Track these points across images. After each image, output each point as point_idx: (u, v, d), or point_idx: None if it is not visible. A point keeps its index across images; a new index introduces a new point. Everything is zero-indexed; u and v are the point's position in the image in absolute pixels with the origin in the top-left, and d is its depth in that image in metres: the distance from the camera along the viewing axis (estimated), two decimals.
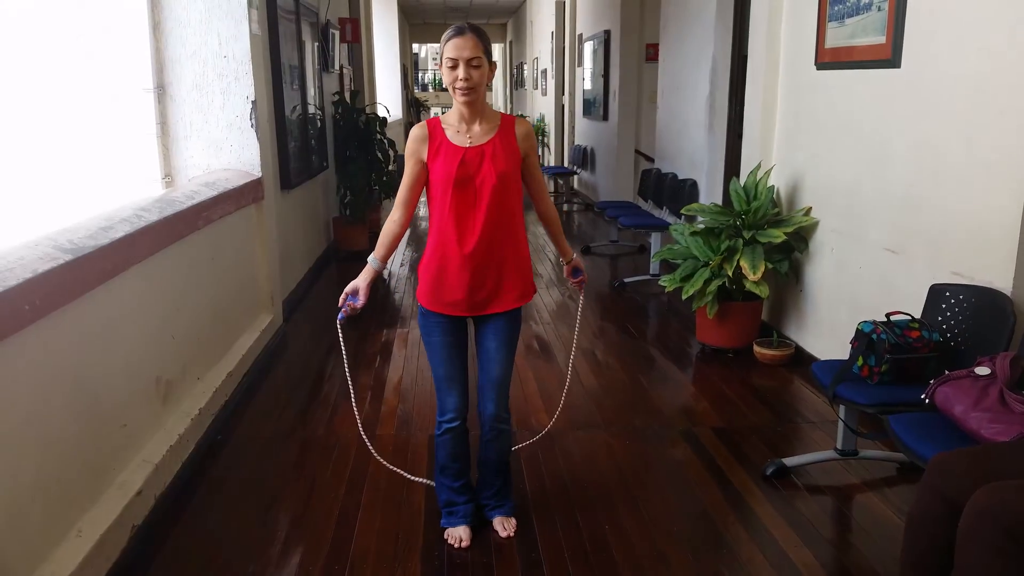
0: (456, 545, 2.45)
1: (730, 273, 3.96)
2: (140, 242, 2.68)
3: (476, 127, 2.31)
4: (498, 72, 23.46)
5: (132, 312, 2.67)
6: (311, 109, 5.89)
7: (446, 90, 2.35)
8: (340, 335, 2.47)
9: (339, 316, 2.40)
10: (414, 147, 2.32)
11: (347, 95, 7.19)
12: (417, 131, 2.34)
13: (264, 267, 4.32)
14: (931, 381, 2.36)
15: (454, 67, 2.21)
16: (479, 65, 2.21)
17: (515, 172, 2.33)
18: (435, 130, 2.32)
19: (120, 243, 2.52)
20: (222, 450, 3.13)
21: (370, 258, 2.40)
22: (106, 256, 2.41)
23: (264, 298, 4.34)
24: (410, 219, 2.41)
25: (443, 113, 2.42)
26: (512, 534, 2.50)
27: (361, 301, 2.38)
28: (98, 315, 2.41)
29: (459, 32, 2.21)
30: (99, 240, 2.42)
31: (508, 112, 19.25)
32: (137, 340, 2.70)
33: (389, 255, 2.44)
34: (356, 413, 2.70)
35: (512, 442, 2.54)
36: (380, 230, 2.45)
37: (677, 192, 5.99)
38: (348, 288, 2.38)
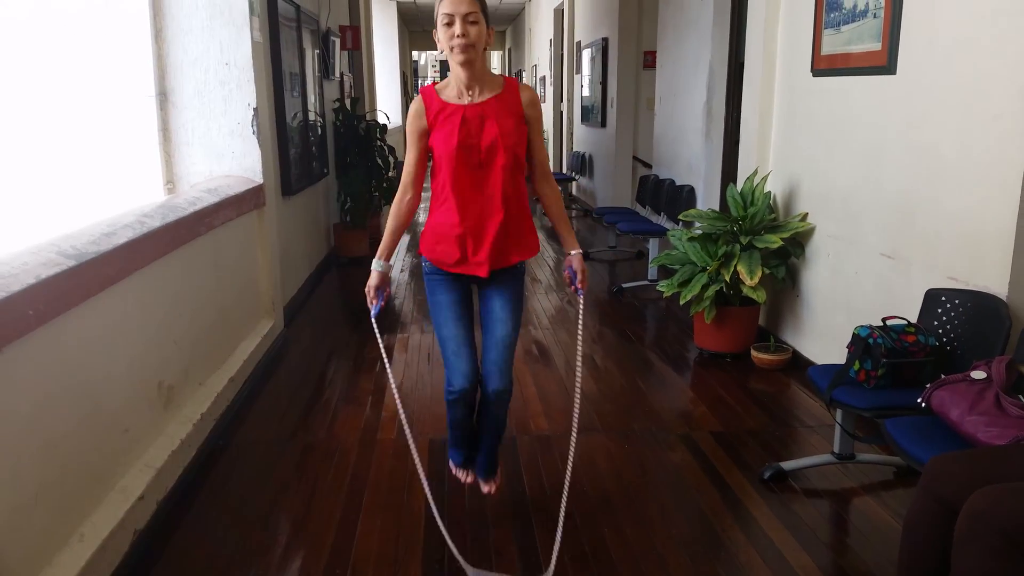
0: (462, 480, 2.67)
1: (727, 278, 3.98)
2: (143, 248, 2.70)
3: (477, 94, 2.23)
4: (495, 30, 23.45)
5: (134, 317, 2.69)
6: (312, 116, 5.92)
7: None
8: (375, 328, 2.48)
9: (373, 312, 2.42)
10: (415, 122, 2.27)
11: (347, 102, 7.22)
12: (414, 105, 2.29)
13: (265, 273, 4.34)
14: (927, 385, 2.38)
15: (450, 23, 2.14)
16: (476, 21, 2.15)
17: (518, 132, 2.26)
18: (431, 97, 2.26)
19: (123, 249, 2.54)
20: (223, 455, 3.15)
21: (373, 263, 2.39)
22: (109, 262, 2.43)
23: (265, 303, 4.36)
24: (419, 198, 2.38)
25: (437, 82, 2.35)
26: (494, 490, 2.63)
27: (387, 292, 2.42)
28: (101, 320, 2.43)
29: None
30: (102, 246, 2.44)
31: None
32: (139, 345, 2.71)
33: (395, 246, 2.39)
34: (394, 390, 2.60)
35: (508, 405, 2.51)
36: (380, 237, 2.43)
37: (675, 198, 6.02)
38: (370, 287, 2.39)
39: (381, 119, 8.09)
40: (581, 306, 2.54)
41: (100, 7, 3.84)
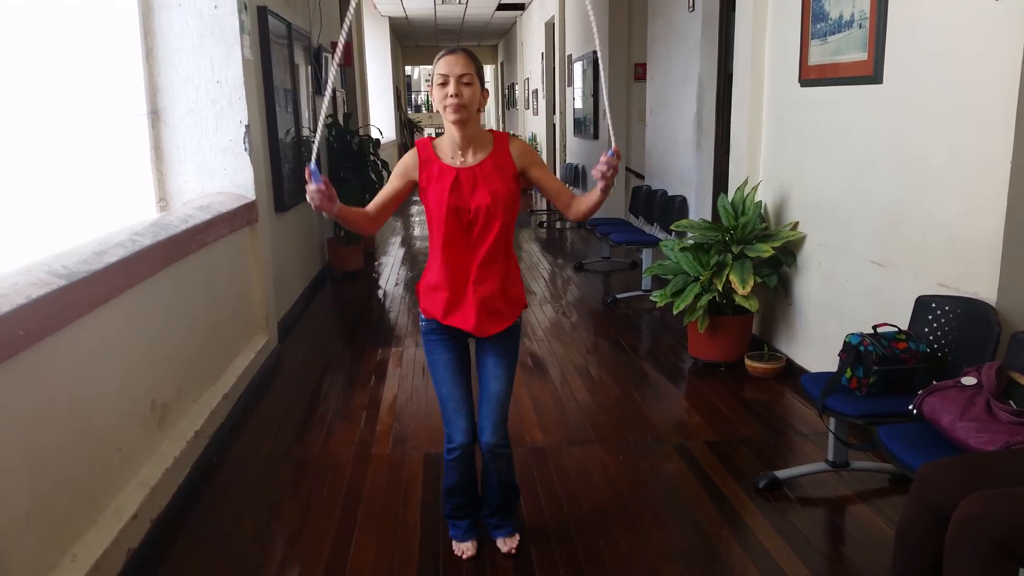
0: (462, 556, 2.48)
1: (720, 288, 4.00)
2: (134, 266, 2.71)
3: (470, 155, 2.28)
4: (490, 92, 23.63)
5: (127, 336, 2.68)
6: (304, 132, 5.94)
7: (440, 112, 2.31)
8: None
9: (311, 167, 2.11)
10: (406, 168, 2.31)
11: (340, 117, 7.25)
12: (411, 153, 2.33)
13: (259, 289, 4.34)
14: (919, 392, 2.39)
15: (444, 84, 2.18)
16: (470, 83, 2.19)
17: (511, 193, 2.29)
18: (427, 152, 2.30)
19: (114, 267, 2.54)
20: (218, 472, 3.14)
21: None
22: (100, 281, 2.43)
23: (259, 319, 4.35)
24: (376, 226, 2.38)
25: (436, 136, 2.42)
26: (514, 550, 2.51)
27: (322, 188, 2.11)
28: (92, 339, 2.42)
29: (451, 51, 2.21)
30: (93, 265, 2.44)
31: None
32: (132, 364, 2.71)
33: (344, 213, 2.23)
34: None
35: (513, 464, 2.51)
36: (375, 251, 2.45)
37: (667, 208, 6.04)
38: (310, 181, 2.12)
39: (374, 134, 8.11)
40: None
41: (91, 27, 3.86)
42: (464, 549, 2.50)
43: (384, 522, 2.73)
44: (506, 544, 2.52)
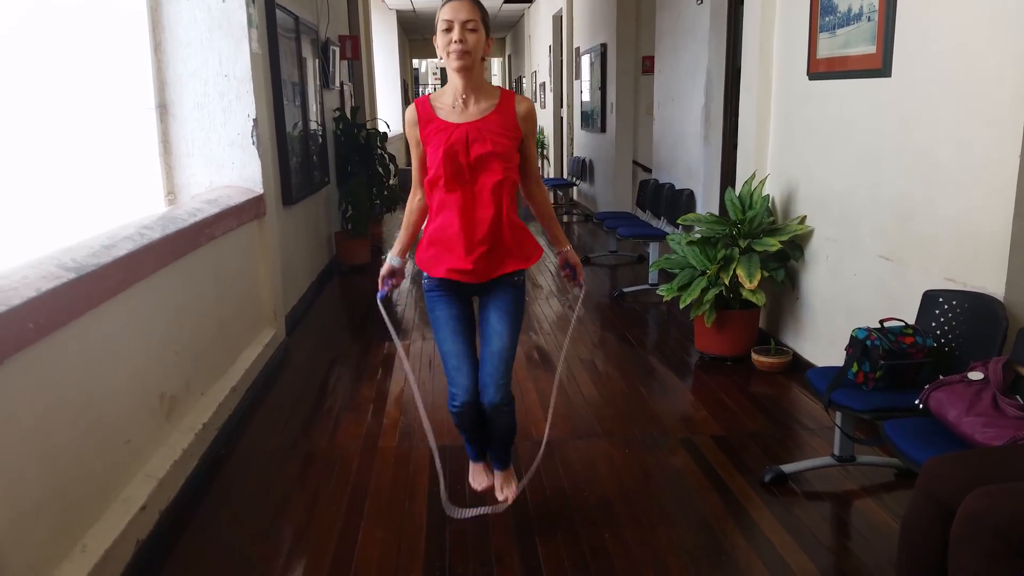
0: (478, 488, 2.65)
1: (727, 282, 3.99)
2: (143, 259, 2.72)
3: (472, 103, 2.23)
4: (494, 40, 23.45)
5: (135, 329, 2.70)
6: (312, 125, 5.95)
7: None
8: (382, 310, 2.55)
9: (379, 294, 2.48)
10: (410, 130, 2.30)
11: (347, 111, 7.25)
12: (408, 114, 2.30)
13: (267, 282, 4.36)
14: (925, 386, 2.39)
15: (449, 29, 2.14)
16: (475, 29, 2.14)
17: (512, 152, 2.25)
18: (424, 109, 2.26)
19: (123, 261, 2.55)
20: (225, 464, 3.16)
21: (388, 256, 2.46)
22: (109, 274, 2.45)
23: (267, 313, 4.37)
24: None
25: (435, 91, 2.35)
26: (510, 499, 2.58)
27: (396, 281, 2.50)
28: (102, 332, 2.44)
29: None
30: (102, 258, 2.45)
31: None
32: (141, 356, 2.73)
33: (410, 243, 2.44)
34: (411, 379, 2.64)
35: (515, 416, 2.50)
36: (382, 244, 2.46)
37: (674, 202, 6.03)
38: (384, 271, 2.48)
39: (381, 127, 8.12)
40: (580, 300, 2.71)
41: (100, 21, 3.87)
42: (476, 477, 2.65)
43: (391, 515, 2.74)
44: (503, 491, 2.59)
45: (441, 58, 2.21)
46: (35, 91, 3.90)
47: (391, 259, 2.47)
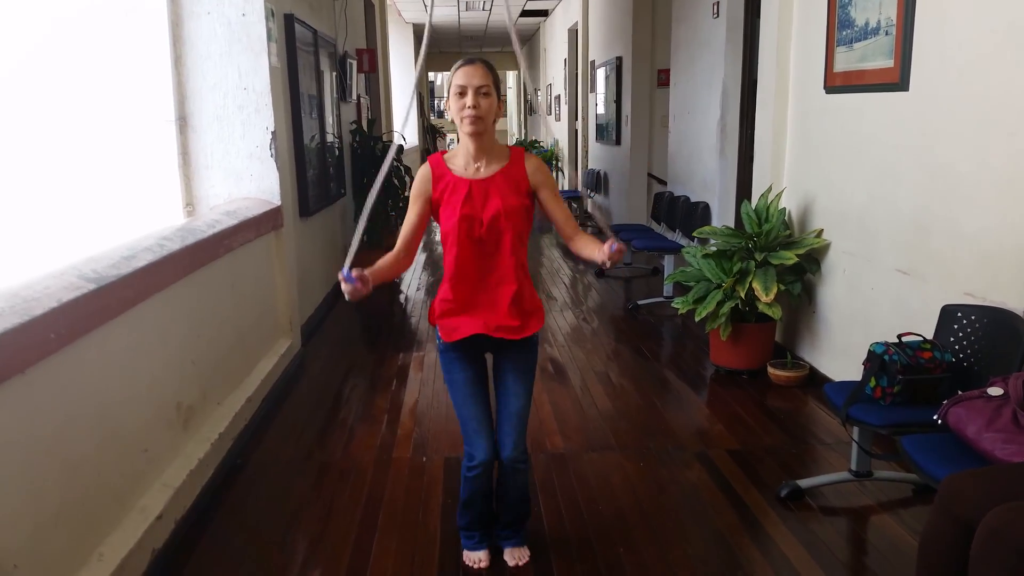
0: (474, 566, 2.47)
1: (743, 295, 3.98)
2: (162, 270, 2.75)
3: (484, 167, 2.25)
4: (512, 98, 23.71)
5: (154, 339, 2.73)
6: (329, 138, 5.99)
7: None
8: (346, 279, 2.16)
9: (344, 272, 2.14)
10: (420, 185, 2.28)
11: (364, 123, 7.31)
12: (423, 170, 2.31)
13: (283, 293, 4.38)
14: (944, 402, 2.36)
15: (462, 94, 2.16)
16: (488, 94, 2.17)
17: (523, 205, 2.26)
18: (439, 167, 2.27)
19: (143, 272, 2.58)
20: (241, 474, 3.18)
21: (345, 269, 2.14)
22: (129, 285, 2.47)
23: (283, 323, 4.40)
24: (410, 262, 2.38)
25: (450, 148, 2.40)
26: (522, 563, 2.48)
27: (358, 285, 2.14)
28: (121, 343, 2.47)
29: (469, 62, 2.19)
30: (122, 269, 2.48)
31: (522, 138, 19.40)
32: (159, 366, 2.75)
33: (378, 277, 2.21)
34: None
35: (529, 479, 2.49)
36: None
37: (690, 215, 6.02)
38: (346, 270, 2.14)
39: (397, 140, 8.16)
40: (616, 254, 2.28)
41: (122, 35, 3.93)
42: (477, 559, 2.49)
43: (405, 526, 2.74)
44: (514, 557, 2.50)
45: (453, 121, 2.24)
46: (59, 104, 3.97)
47: (350, 271, 2.14)
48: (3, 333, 1.82)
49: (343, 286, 2.14)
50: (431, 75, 21.99)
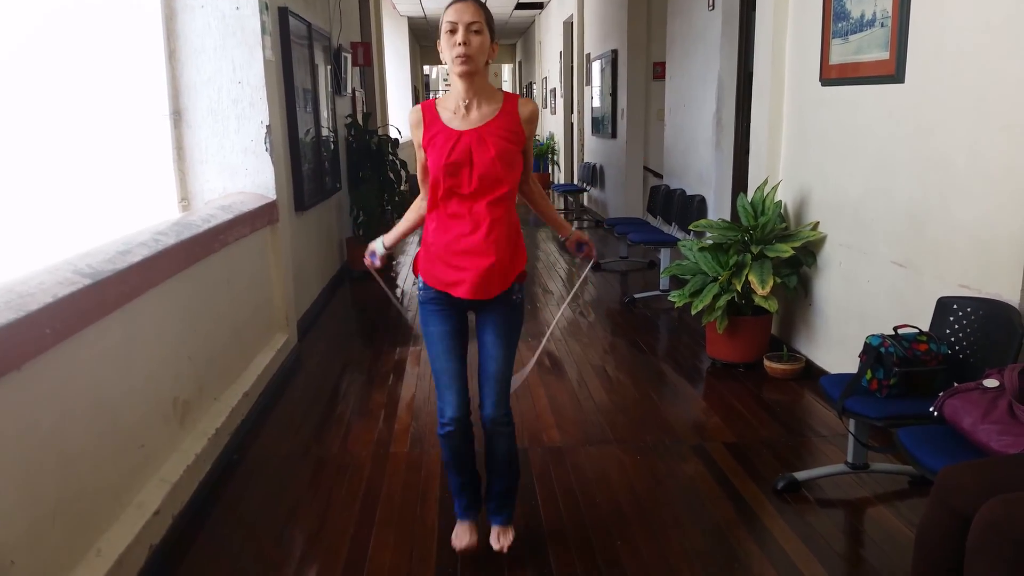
0: (456, 547, 2.46)
1: (739, 288, 3.98)
2: (158, 265, 2.74)
3: (475, 108, 2.18)
4: (499, 46, 23.54)
5: (150, 334, 2.72)
6: (324, 131, 5.97)
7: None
8: (377, 278, 2.68)
9: (369, 258, 2.51)
10: (414, 131, 2.25)
11: (359, 117, 7.28)
12: (412, 116, 2.24)
13: (279, 288, 4.38)
14: (940, 394, 2.37)
15: (453, 31, 2.09)
16: (479, 31, 2.09)
17: (515, 154, 2.20)
18: (429, 113, 2.21)
19: (138, 267, 2.57)
20: (238, 469, 3.17)
21: (379, 241, 2.47)
22: (124, 280, 2.47)
23: (279, 318, 4.39)
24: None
25: (440, 95, 2.37)
26: (505, 548, 2.46)
27: (382, 259, 2.47)
28: (117, 338, 2.46)
29: None
30: (117, 264, 2.47)
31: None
32: (155, 362, 2.75)
33: (403, 236, 2.46)
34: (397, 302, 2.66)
35: (515, 443, 2.43)
36: (393, 251, 2.44)
37: (686, 208, 6.02)
38: (369, 248, 2.48)
39: (393, 133, 8.15)
40: (587, 271, 2.77)
41: (115, 29, 3.91)
42: (459, 534, 2.46)
43: (403, 520, 2.75)
44: (499, 540, 2.47)
45: (445, 62, 2.17)
46: (52, 99, 3.94)
47: (378, 244, 2.47)
48: None
49: (366, 260, 2.44)
50: (426, 68, 21.93)
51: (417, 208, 2.41)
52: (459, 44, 2.08)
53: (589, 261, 2.59)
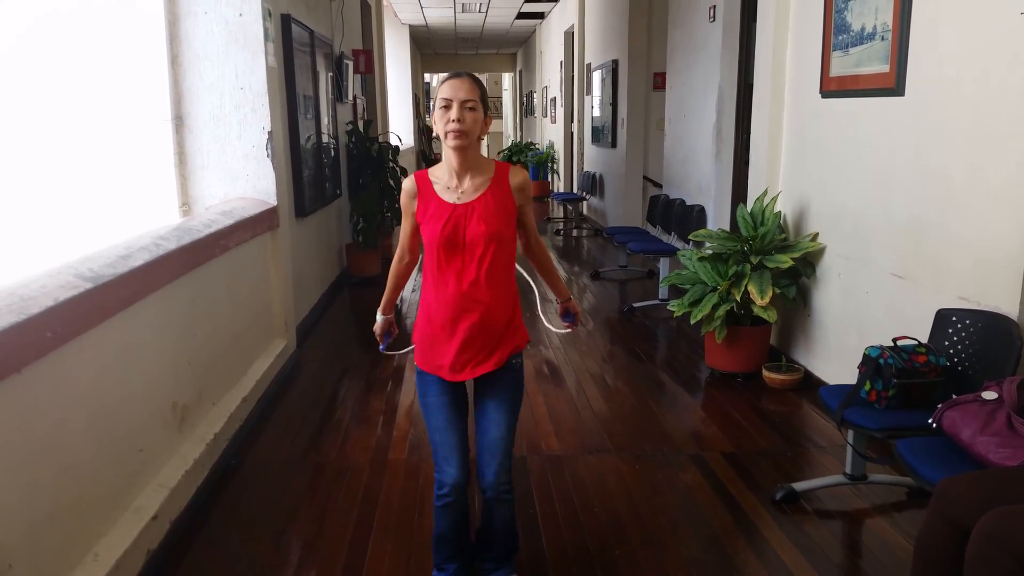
0: None
1: (738, 298, 3.99)
2: (158, 270, 2.74)
3: (467, 181, 2.18)
4: (508, 100, 23.73)
5: (150, 339, 2.72)
6: (325, 138, 5.99)
7: None
8: (390, 353, 2.68)
9: (382, 347, 2.58)
10: (406, 200, 2.24)
11: (360, 124, 7.31)
12: (407, 184, 2.25)
13: (279, 293, 4.38)
14: (938, 406, 2.38)
15: (447, 107, 2.10)
16: (474, 108, 2.11)
17: (509, 227, 2.19)
18: (424, 185, 2.21)
19: (139, 271, 2.58)
20: (236, 474, 3.17)
21: (378, 314, 2.52)
22: (125, 284, 2.47)
23: (278, 324, 4.39)
24: (416, 261, 2.36)
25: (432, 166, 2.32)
26: None
27: (394, 331, 2.59)
28: (117, 342, 2.46)
29: (456, 75, 2.14)
30: (118, 268, 2.48)
31: (517, 140, 19.41)
32: (154, 366, 2.75)
33: (395, 299, 2.50)
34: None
35: (515, 510, 2.34)
36: (392, 256, 2.44)
37: (685, 218, 6.03)
38: (378, 329, 2.55)
39: (393, 141, 8.17)
40: (564, 330, 2.79)
41: (118, 34, 3.92)
42: None
43: (400, 527, 2.74)
44: None
45: (437, 136, 2.19)
46: (54, 103, 3.95)
47: (380, 317, 2.53)
48: (0, 332, 1.81)
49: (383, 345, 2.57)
50: (426, 76, 21.99)
51: (398, 274, 2.45)
52: (453, 121, 2.10)
53: (568, 328, 2.59)
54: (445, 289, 2.18)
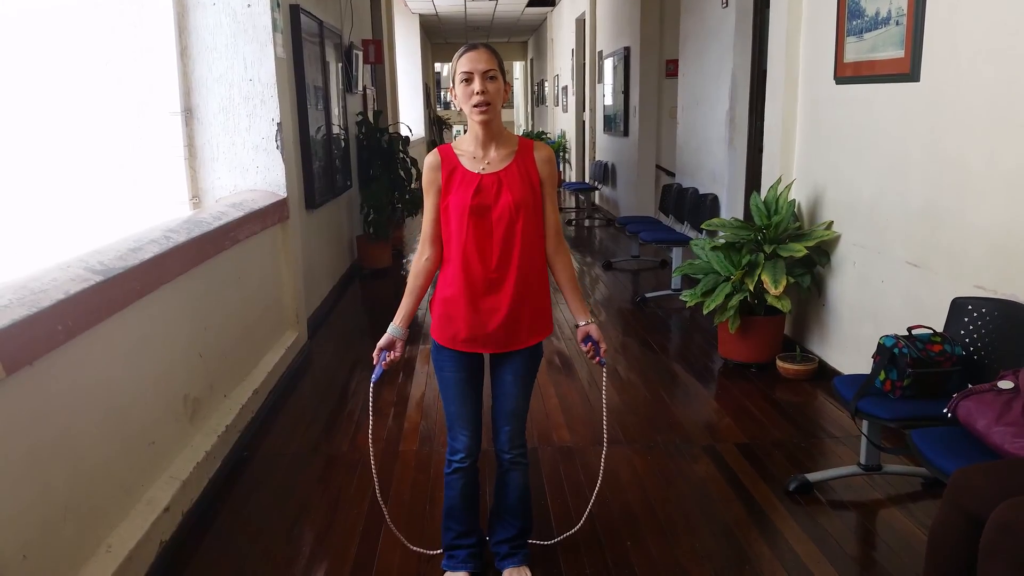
0: None
1: (751, 287, 3.95)
2: (169, 262, 2.75)
3: (492, 152, 2.16)
4: (519, 89, 23.65)
5: (161, 331, 2.73)
6: (335, 129, 5.98)
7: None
8: (371, 397, 2.39)
9: (373, 376, 2.30)
10: (430, 176, 2.19)
11: (370, 115, 7.30)
12: (430, 159, 2.21)
13: (289, 285, 4.38)
14: (954, 395, 2.35)
15: (469, 80, 2.08)
16: (494, 77, 2.09)
17: (534, 199, 2.17)
18: (448, 157, 2.19)
19: (149, 264, 2.58)
20: (248, 467, 3.18)
21: (390, 326, 2.25)
22: (136, 277, 2.47)
23: (289, 316, 4.40)
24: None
25: (457, 137, 2.34)
26: None
27: (393, 356, 2.27)
28: (128, 335, 2.47)
29: (472, 47, 2.11)
30: (129, 261, 2.48)
31: (529, 130, 19.35)
32: (165, 359, 2.76)
33: (414, 310, 2.27)
34: (376, 482, 2.50)
35: (530, 481, 2.35)
36: (403, 248, 2.41)
37: (698, 207, 5.99)
38: (381, 343, 2.26)
39: (404, 131, 8.15)
40: (604, 377, 2.59)
41: (126, 26, 3.92)
42: None
43: (411, 519, 2.74)
44: (516, 573, 2.34)
45: (460, 109, 2.16)
46: (64, 96, 3.96)
47: (392, 329, 2.25)
48: (11, 325, 1.82)
49: (381, 361, 2.29)
50: (437, 66, 21.93)
51: (419, 273, 2.25)
52: (477, 93, 2.08)
53: (602, 363, 2.29)
54: (471, 261, 2.15)
